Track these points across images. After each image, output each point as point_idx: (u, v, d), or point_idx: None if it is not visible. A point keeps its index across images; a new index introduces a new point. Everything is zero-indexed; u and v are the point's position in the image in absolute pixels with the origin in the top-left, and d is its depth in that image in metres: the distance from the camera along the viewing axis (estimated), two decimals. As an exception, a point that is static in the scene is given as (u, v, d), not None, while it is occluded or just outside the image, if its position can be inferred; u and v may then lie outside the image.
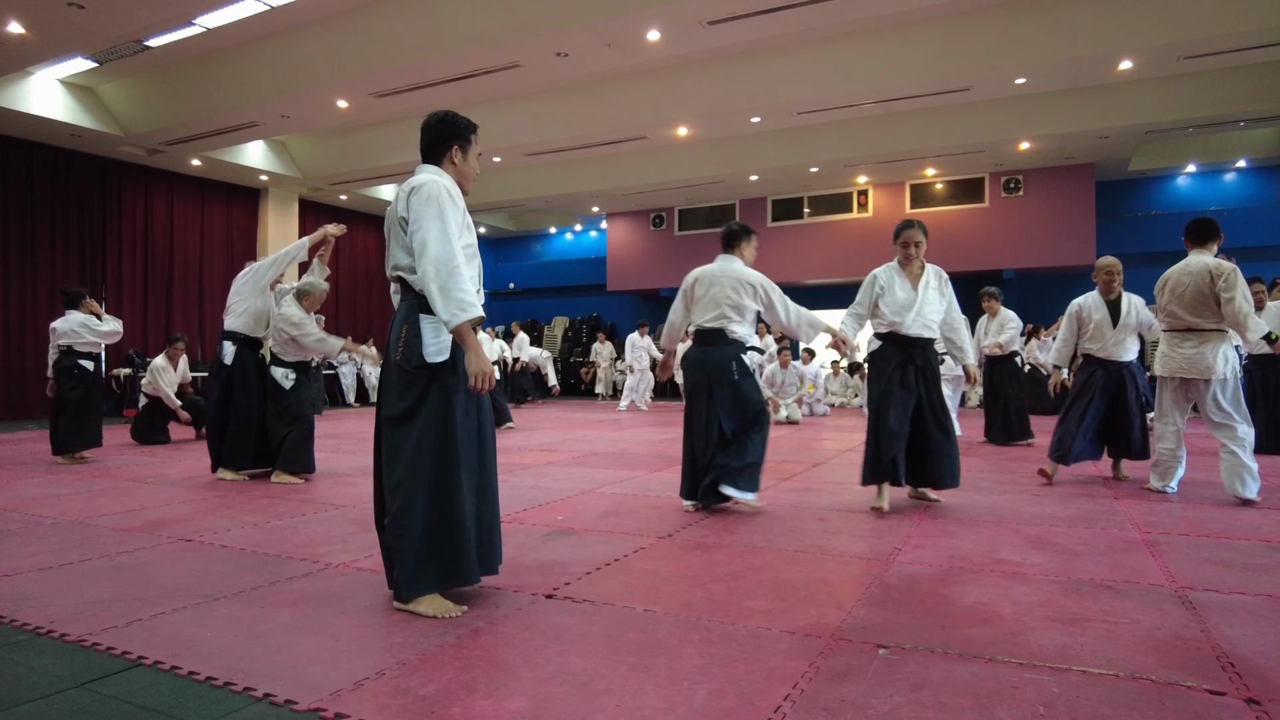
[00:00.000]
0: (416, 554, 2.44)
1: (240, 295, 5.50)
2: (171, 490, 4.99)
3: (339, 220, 16.80)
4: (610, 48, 8.64)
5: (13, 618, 2.44)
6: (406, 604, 2.46)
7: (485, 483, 2.62)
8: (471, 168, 2.71)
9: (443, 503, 2.45)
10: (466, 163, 2.69)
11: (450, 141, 2.65)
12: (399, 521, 2.45)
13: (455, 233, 2.45)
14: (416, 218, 2.44)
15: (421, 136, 2.67)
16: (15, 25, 8.02)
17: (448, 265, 2.38)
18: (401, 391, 2.49)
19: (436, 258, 2.39)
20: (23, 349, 11.28)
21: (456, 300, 2.36)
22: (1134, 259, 14.70)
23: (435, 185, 2.49)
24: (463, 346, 2.44)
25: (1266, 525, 3.73)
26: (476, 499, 2.56)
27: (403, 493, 2.45)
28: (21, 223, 11.34)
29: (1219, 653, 2.09)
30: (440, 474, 2.45)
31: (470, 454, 2.54)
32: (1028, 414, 7.53)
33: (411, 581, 2.44)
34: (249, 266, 5.71)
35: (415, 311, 2.52)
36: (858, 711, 1.76)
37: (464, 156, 2.68)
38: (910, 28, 9.27)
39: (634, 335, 12.96)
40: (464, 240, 2.51)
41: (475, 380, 2.40)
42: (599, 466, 5.96)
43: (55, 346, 6.42)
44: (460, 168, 2.68)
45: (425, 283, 2.40)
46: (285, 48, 9.50)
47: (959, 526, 3.72)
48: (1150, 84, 10.54)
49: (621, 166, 14.29)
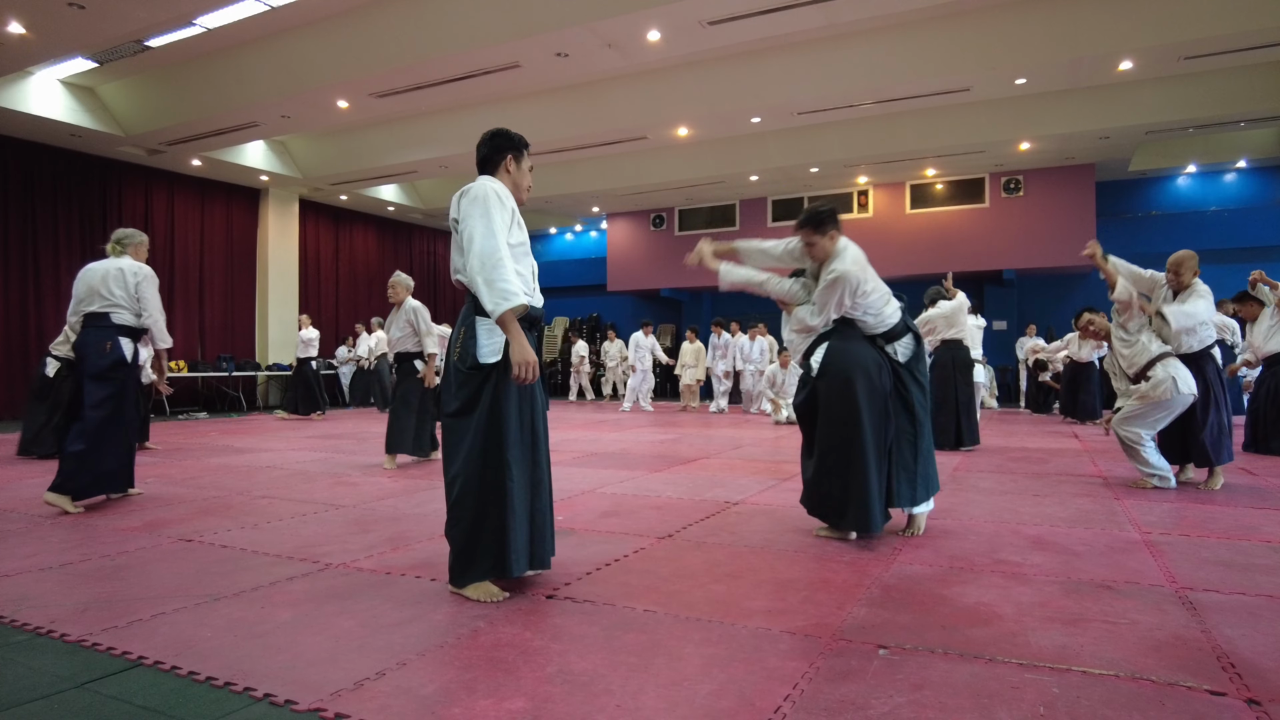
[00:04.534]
0: (466, 543, 2.60)
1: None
2: (171, 490, 4.99)
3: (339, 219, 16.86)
4: (610, 48, 8.64)
5: (13, 618, 2.44)
6: (458, 589, 2.65)
7: (538, 479, 2.72)
8: (525, 177, 2.88)
9: (494, 497, 2.57)
10: (520, 171, 2.86)
11: (504, 152, 2.82)
12: (453, 513, 2.63)
13: (500, 229, 2.57)
14: (465, 217, 2.60)
15: (477, 152, 2.85)
16: (15, 25, 8.02)
17: (491, 257, 2.50)
18: (457, 390, 2.63)
19: (480, 251, 2.52)
20: (25, 349, 11.28)
21: (500, 290, 2.47)
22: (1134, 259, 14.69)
23: (482, 186, 2.63)
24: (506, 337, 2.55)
25: (1266, 525, 3.73)
26: (530, 495, 2.67)
27: (457, 486, 2.61)
28: (22, 223, 11.35)
29: (1219, 653, 2.09)
30: (492, 470, 2.58)
31: (524, 451, 2.65)
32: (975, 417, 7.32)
33: (462, 569, 2.61)
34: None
35: (472, 314, 2.66)
36: (858, 712, 1.76)
37: (518, 166, 2.85)
38: (910, 28, 9.27)
39: (638, 334, 12.95)
40: (514, 238, 2.64)
41: (518, 370, 2.50)
42: (599, 467, 5.96)
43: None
44: (514, 176, 2.84)
45: (471, 276, 2.54)
46: (285, 48, 9.51)
47: (959, 526, 3.72)
48: (1150, 84, 10.54)
49: (621, 166, 14.29)
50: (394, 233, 17.65)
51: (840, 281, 3.46)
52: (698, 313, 18.37)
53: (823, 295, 3.52)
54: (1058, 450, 6.90)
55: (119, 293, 4.48)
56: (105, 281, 4.48)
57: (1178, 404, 4.64)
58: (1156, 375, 4.66)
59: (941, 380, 7.03)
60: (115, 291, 4.48)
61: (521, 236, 2.70)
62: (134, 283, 4.52)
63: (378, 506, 4.37)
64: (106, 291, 4.47)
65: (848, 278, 3.45)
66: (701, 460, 6.33)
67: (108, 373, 4.40)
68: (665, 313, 19.07)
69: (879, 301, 3.57)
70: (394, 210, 16.78)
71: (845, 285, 3.47)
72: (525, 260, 2.71)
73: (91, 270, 4.56)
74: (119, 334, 4.48)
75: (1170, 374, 4.61)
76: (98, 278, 4.50)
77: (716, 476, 5.41)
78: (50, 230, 11.67)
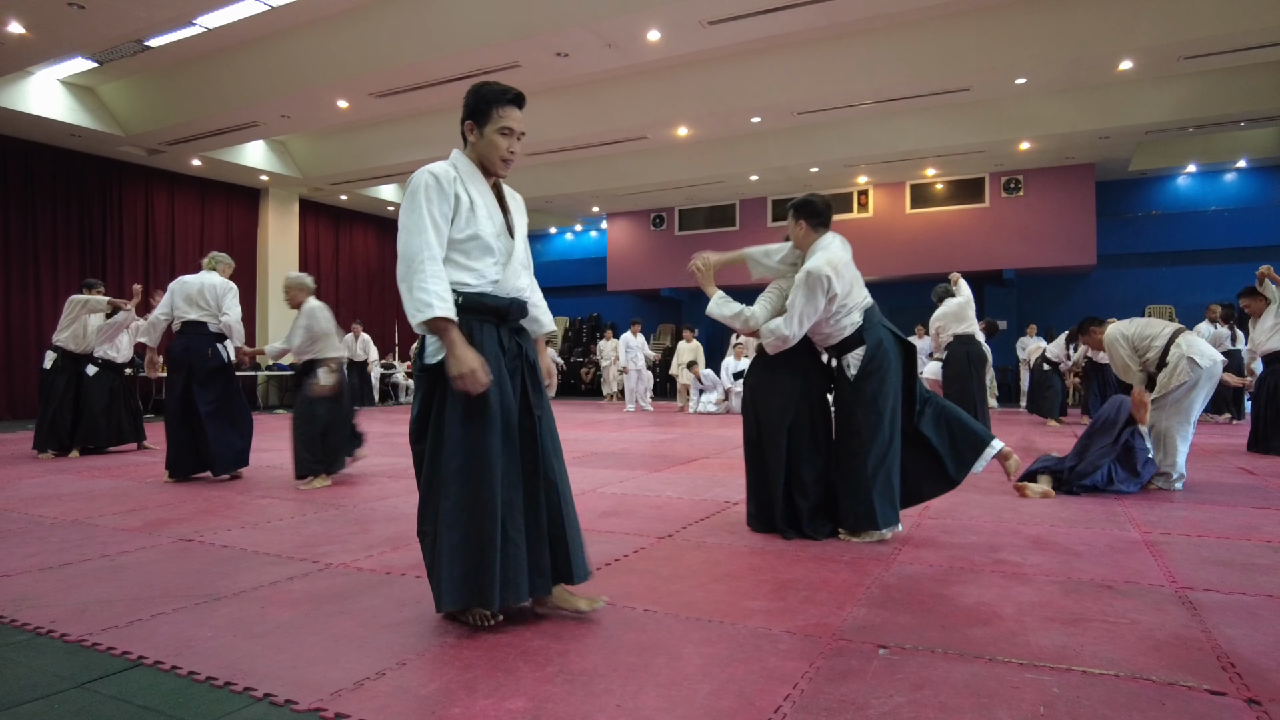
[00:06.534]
0: (433, 566, 2.28)
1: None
2: (171, 490, 4.99)
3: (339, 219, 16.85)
4: (610, 48, 8.64)
5: (13, 618, 2.44)
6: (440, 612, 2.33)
7: (532, 494, 2.34)
8: (493, 144, 2.33)
9: (451, 516, 2.23)
10: (483, 139, 2.34)
11: (465, 119, 2.37)
12: (419, 530, 2.37)
13: (429, 225, 2.22)
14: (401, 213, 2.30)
15: None
16: (15, 25, 8.02)
17: (411, 261, 2.21)
18: (416, 392, 2.38)
19: (402, 254, 2.24)
20: (25, 348, 11.28)
21: (416, 300, 2.18)
22: (1134, 259, 14.74)
23: (416, 177, 2.28)
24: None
25: (1266, 525, 3.72)
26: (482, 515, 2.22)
27: (421, 502, 2.35)
28: (22, 223, 11.35)
29: (1219, 653, 2.09)
30: (448, 485, 2.24)
31: (480, 464, 2.24)
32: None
33: (437, 594, 2.26)
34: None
35: None
36: (858, 712, 1.76)
37: (479, 133, 2.35)
38: (910, 28, 9.27)
39: (627, 335, 12.94)
40: (463, 230, 2.28)
41: (456, 383, 2.18)
42: (599, 466, 5.96)
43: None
44: (477, 146, 2.36)
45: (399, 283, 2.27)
46: (285, 48, 9.51)
47: (959, 526, 3.72)
48: (1150, 84, 10.55)
49: (621, 166, 14.30)
50: (394, 233, 17.49)
51: (809, 281, 3.28)
52: (697, 313, 18.37)
53: (794, 296, 3.36)
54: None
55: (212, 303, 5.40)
56: (201, 293, 5.39)
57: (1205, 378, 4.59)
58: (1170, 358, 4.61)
59: (956, 375, 7.04)
60: (209, 302, 5.40)
61: (471, 229, 2.28)
62: (220, 294, 5.45)
63: (378, 506, 4.37)
64: (204, 302, 5.39)
65: (817, 276, 3.27)
66: (701, 460, 6.33)
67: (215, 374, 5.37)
68: (665, 313, 19.08)
69: (840, 312, 3.39)
70: (394, 210, 16.79)
71: (818, 285, 3.28)
72: (482, 255, 2.31)
73: (188, 282, 5.44)
74: (215, 340, 5.41)
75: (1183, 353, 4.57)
76: (195, 289, 5.40)
77: (716, 476, 5.40)
78: (50, 230, 11.67)
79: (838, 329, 3.45)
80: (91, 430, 6.95)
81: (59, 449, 6.89)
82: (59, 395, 6.84)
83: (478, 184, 2.35)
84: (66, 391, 6.90)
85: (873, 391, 3.38)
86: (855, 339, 3.44)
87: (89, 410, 6.94)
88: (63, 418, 6.89)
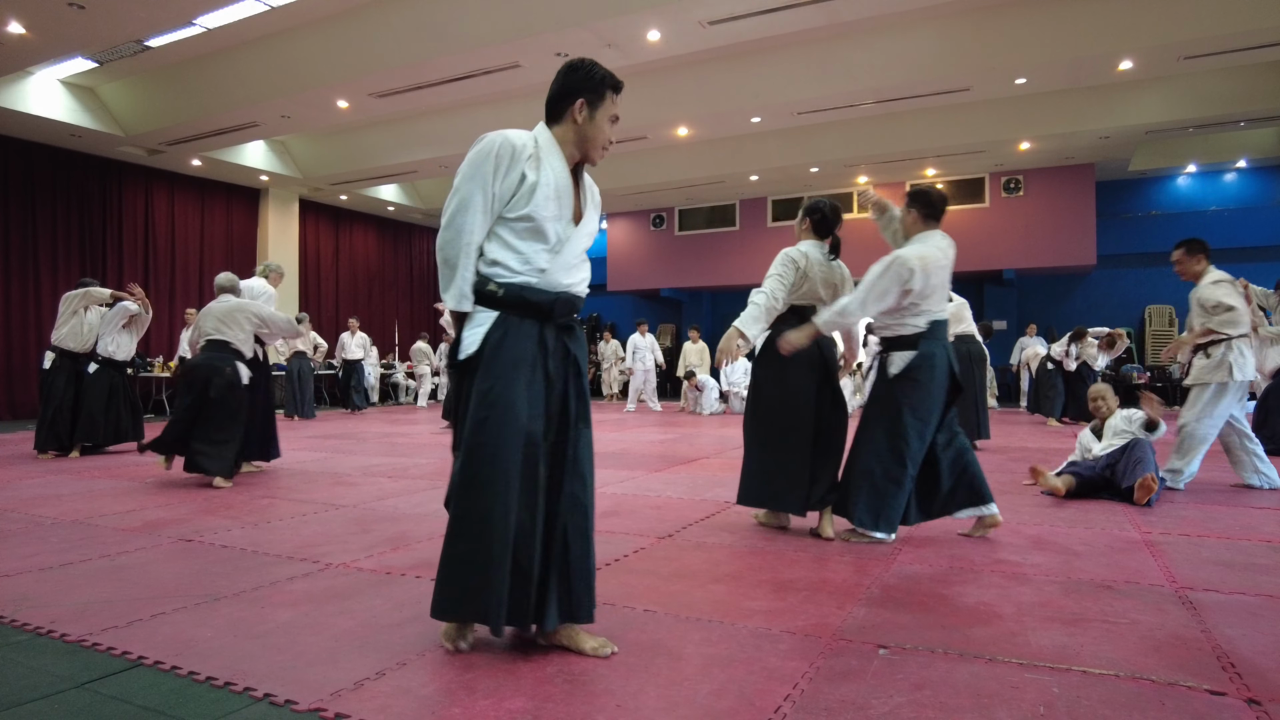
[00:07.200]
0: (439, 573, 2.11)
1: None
2: (171, 490, 4.99)
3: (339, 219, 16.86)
4: (610, 48, 8.63)
5: (13, 618, 2.44)
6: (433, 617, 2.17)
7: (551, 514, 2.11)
8: (601, 131, 2.18)
9: (455, 527, 2.07)
10: (593, 123, 2.16)
11: (574, 95, 2.15)
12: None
13: (481, 203, 2.05)
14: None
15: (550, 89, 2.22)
16: (15, 25, 8.02)
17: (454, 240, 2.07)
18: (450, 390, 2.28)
19: (449, 222, 2.07)
20: (25, 349, 11.28)
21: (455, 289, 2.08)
22: (1134, 259, 14.74)
23: (493, 138, 2.07)
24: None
25: (1266, 525, 3.73)
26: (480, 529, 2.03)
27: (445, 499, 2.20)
28: (22, 223, 11.34)
29: (1219, 653, 2.09)
30: (464, 491, 2.07)
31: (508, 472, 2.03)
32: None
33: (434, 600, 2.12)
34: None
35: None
36: (858, 712, 1.76)
37: (590, 115, 2.15)
38: (910, 28, 9.27)
39: (635, 336, 12.95)
40: (518, 210, 2.07)
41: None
42: (599, 466, 5.92)
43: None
44: (583, 128, 2.16)
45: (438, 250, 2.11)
46: (285, 48, 9.51)
47: (959, 526, 3.72)
48: (1150, 84, 10.55)
49: (621, 166, 14.30)
50: (394, 233, 17.64)
51: (892, 266, 3.23)
52: (697, 313, 18.38)
53: (870, 276, 3.28)
54: (1059, 450, 6.89)
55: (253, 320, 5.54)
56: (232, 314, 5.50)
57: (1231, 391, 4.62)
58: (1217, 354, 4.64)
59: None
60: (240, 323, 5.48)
61: (527, 208, 2.06)
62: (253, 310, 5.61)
63: (378, 506, 4.37)
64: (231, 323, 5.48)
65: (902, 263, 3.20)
66: (701, 460, 6.33)
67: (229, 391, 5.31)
68: (665, 313, 19.07)
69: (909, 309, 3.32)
70: (394, 210, 16.78)
71: (898, 273, 3.20)
72: (531, 239, 2.10)
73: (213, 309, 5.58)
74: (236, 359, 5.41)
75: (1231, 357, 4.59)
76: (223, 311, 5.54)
77: (716, 476, 5.40)
78: (50, 230, 11.66)
79: (898, 323, 3.36)
80: (90, 426, 6.94)
81: (59, 449, 6.88)
82: (59, 395, 6.84)
83: (555, 163, 2.14)
84: (66, 391, 6.89)
85: (901, 397, 3.32)
86: (910, 341, 3.35)
87: (87, 406, 6.93)
88: (63, 418, 6.89)
